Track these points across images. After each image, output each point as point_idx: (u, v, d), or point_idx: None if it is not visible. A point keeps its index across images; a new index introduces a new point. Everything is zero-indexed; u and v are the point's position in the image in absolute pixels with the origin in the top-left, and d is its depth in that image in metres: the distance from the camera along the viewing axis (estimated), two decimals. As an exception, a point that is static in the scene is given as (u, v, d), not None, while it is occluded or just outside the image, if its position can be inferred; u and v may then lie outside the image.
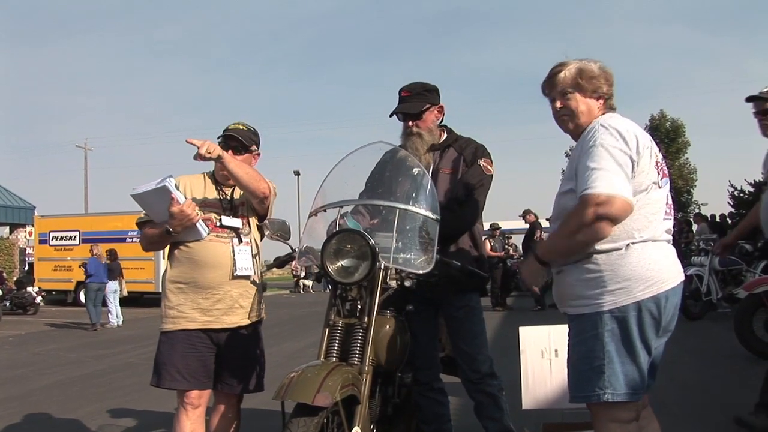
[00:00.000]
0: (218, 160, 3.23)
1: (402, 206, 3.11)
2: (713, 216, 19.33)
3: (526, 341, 3.91)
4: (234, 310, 3.35)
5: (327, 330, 2.94)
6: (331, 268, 2.91)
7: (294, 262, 3.44)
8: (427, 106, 3.62)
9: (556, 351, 3.77)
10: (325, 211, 3.28)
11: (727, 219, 19.95)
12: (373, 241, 2.87)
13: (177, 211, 3.16)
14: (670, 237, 2.63)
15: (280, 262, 3.52)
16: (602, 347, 2.49)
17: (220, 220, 3.35)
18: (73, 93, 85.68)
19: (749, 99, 4.19)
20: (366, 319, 2.87)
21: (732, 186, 22.95)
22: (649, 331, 2.48)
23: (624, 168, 2.44)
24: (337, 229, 3.08)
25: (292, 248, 3.39)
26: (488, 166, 3.60)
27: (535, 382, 3.86)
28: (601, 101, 2.71)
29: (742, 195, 22.17)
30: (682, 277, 2.59)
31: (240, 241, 3.38)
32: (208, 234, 3.30)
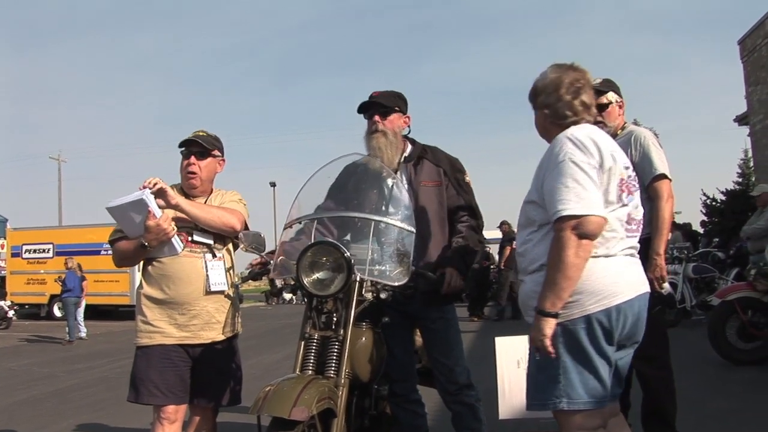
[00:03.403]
0: (175, 208, 3.22)
1: (377, 218, 3.12)
2: (687, 224, 19.51)
3: (502, 351, 3.92)
4: (211, 326, 3.33)
5: (303, 343, 2.93)
6: (306, 280, 2.90)
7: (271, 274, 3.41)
8: (396, 108, 3.60)
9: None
10: (300, 223, 3.28)
11: (699, 227, 20.14)
12: (348, 254, 2.87)
13: (153, 225, 3.12)
14: (634, 251, 2.64)
15: (255, 275, 3.49)
16: (557, 357, 2.52)
17: (192, 235, 3.32)
18: (46, 104, 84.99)
19: None
20: (342, 332, 2.86)
21: (704, 194, 23.19)
22: (603, 342, 2.50)
23: (594, 181, 2.47)
24: (313, 241, 3.07)
25: (267, 260, 3.35)
26: (469, 180, 3.68)
27: (511, 392, 3.87)
28: None
29: (714, 203, 22.40)
30: (641, 290, 2.60)
31: (213, 255, 3.35)
32: (182, 249, 3.27)
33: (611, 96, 3.93)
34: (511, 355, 3.87)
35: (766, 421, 5.02)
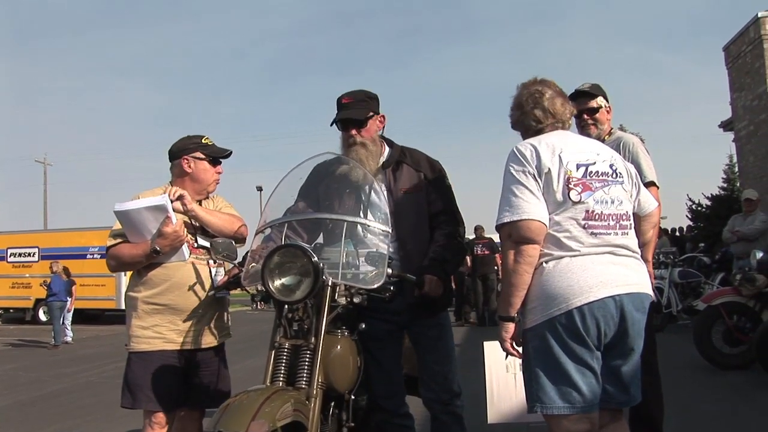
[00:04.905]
0: (189, 213, 3.27)
1: (350, 219, 3.02)
2: (674, 230, 19.63)
3: (490, 356, 3.93)
4: (211, 331, 3.35)
5: (272, 352, 2.79)
6: (272, 286, 2.75)
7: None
8: (371, 114, 3.38)
9: (520, 365, 3.79)
10: (271, 228, 3.16)
11: (685, 232, 20.29)
12: (316, 258, 2.72)
13: (171, 231, 3.13)
14: (615, 249, 2.59)
15: (228, 284, 3.34)
16: (528, 362, 2.59)
17: (196, 240, 3.31)
18: (32, 106, 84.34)
19: (573, 96, 3.69)
20: (313, 340, 2.73)
21: (690, 200, 23.35)
22: (573, 344, 2.49)
23: (530, 188, 2.54)
24: (282, 244, 2.92)
25: (239, 269, 3.19)
26: (450, 183, 3.54)
27: (500, 397, 3.88)
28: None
29: (699, 208, 22.56)
30: (621, 290, 2.51)
31: (215, 261, 3.35)
32: (189, 256, 3.28)
33: (600, 100, 3.94)
34: (500, 360, 3.87)
35: (751, 424, 5.06)
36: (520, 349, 2.68)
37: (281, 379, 2.72)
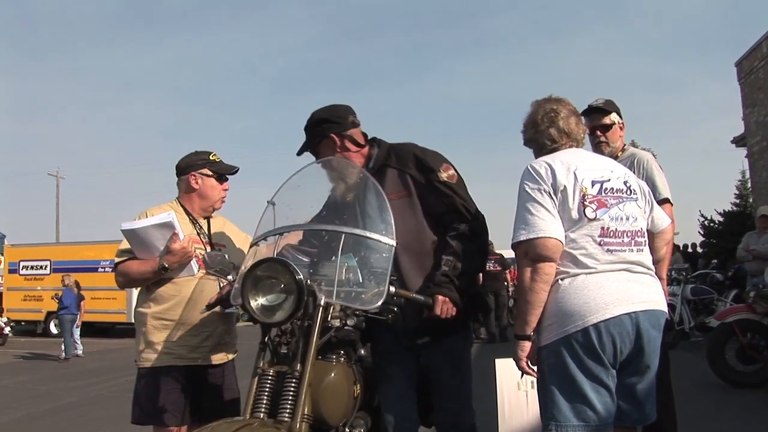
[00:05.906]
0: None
1: (348, 230, 2.68)
2: (686, 246, 19.52)
3: (502, 373, 3.90)
4: (220, 347, 3.35)
5: (255, 380, 2.52)
6: (253, 304, 2.48)
7: None
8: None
9: (532, 383, 3.77)
10: (266, 240, 2.86)
11: (698, 248, 20.18)
12: (300, 275, 2.43)
13: (179, 247, 3.14)
14: (631, 266, 2.57)
15: (217, 302, 3.10)
16: (543, 380, 2.57)
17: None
18: (45, 120, 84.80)
19: (585, 113, 3.72)
20: (299, 367, 2.44)
21: (702, 216, 23.22)
22: (589, 361, 2.47)
23: (545, 205, 2.54)
24: (265, 258, 2.64)
25: (232, 285, 2.92)
26: (450, 175, 3.01)
27: (511, 414, 3.86)
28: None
29: (712, 224, 22.43)
30: (637, 307, 2.49)
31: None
32: (198, 271, 3.27)
33: (614, 117, 3.92)
34: (512, 377, 3.85)
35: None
36: (535, 368, 2.65)
37: (263, 410, 2.46)
